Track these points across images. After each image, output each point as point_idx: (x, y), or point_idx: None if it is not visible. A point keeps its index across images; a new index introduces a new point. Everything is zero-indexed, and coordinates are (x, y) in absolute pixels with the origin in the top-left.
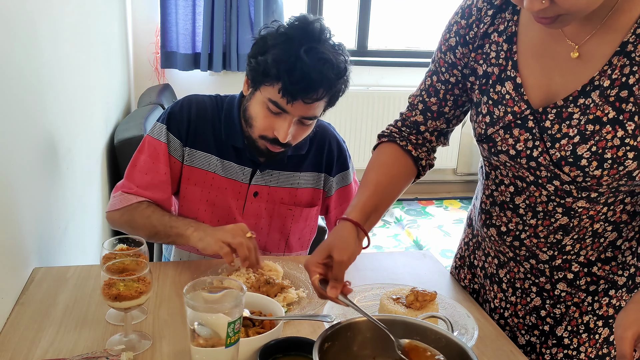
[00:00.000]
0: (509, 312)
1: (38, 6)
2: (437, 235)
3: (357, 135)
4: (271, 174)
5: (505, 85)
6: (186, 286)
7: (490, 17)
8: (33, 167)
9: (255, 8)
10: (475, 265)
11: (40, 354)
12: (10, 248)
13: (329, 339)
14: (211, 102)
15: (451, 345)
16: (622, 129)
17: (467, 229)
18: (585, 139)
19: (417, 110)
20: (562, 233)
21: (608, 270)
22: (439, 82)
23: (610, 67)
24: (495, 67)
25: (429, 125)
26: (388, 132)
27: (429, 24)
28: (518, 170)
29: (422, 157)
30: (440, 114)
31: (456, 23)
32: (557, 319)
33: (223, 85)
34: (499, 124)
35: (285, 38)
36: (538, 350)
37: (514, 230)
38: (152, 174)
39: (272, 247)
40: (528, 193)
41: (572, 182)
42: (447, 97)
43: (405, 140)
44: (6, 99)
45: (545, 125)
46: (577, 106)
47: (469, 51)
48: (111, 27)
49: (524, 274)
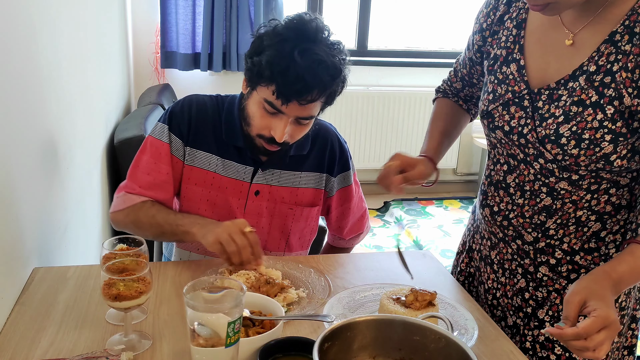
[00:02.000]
0: (500, 293)
1: (38, 6)
2: (437, 235)
3: (357, 135)
4: (272, 173)
5: (510, 67)
6: (186, 286)
7: (505, 4)
8: (33, 167)
9: (255, 8)
10: (473, 249)
11: (40, 354)
12: (10, 248)
13: (329, 339)
14: (211, 102)
15: (451, 345)
16: (602, 112)
17: (471, 215)
18: (568, 119)
19: (457, 77)
20: (546, 214)
21: (590, 260)
22: (467, 57)
23: (598, 54)
24: (503, 50)
25: (466, 92)
26: (442, 89)
27: (429, 24)
28: (511, 147)
29: (471, 108)
30: (472, 84)
31: (481, 11)
32: (539, 302)
33: (223, 85)
34: (499, 101)
35: (280, 39)
36: (521, 332)
37: (504, 210)
38: (154, 174)
39: (273, 246)
40: (518, 172)
41: (554, 161)
42: (472, 72)
43: (455, 96)
44: (6, 99)
45: (538, 105)
46: (567, 89)
47: (488, 36)
48: (111, 27)
49: (511, 254)
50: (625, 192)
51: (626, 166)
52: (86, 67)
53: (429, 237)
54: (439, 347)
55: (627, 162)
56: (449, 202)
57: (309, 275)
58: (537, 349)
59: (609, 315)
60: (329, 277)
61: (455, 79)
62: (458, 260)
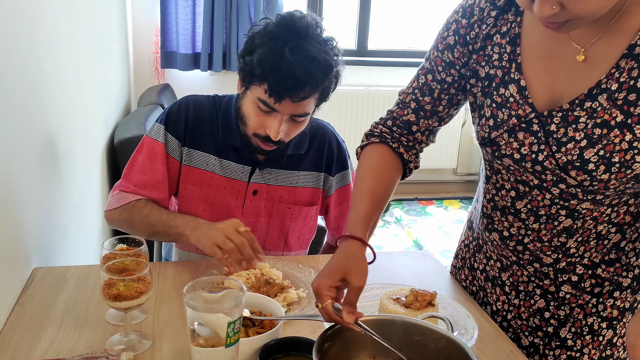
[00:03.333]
0: (512, 315)
1: (38, 6)
2: (437, 235)
3: (357, 135)
4: (270, 173)
5: (509, 88)
6: (186, 286)
7: (493, 18)
8: (33, 167)
9: (255, 8)
10: (475, 268)
11: (40, 354)
12: (10, 248)
13: (329, 339)
14: (209, 102)
15: (451, 345)
16: (630, 132)
17: (468, 231)
18: (593, 143)
19: (410, 108)
20: (566, 235)
21: (612, 271)
22: (434, 80)
23: (618, 70)
24: (498, 70)
25: (421, 125)
26: (378, 132)
27: (429, 24)
28: (522, 174)
29: (411, 160)
30: (434, 113)
31: (456, 22)
32: (562, 320)
33: (223, 85)
34: (503, 127)
35: (270, 37)
36: (541, 352)
37: (517, 235)
38: (149, 173)
39: (271, 245)
40: (530, 197)
41: (579, 186)
42: (442, 96)
43: (397, 142)
44: (6, 99)
45: (551, 129)
46: (584, 109)
47: (469, 52)
48: (111, 27)
49: (528, 277)
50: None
51: None
52: (86, 67)
53: (429, 237)
54: (439, 347)
55: None
56: (449, 202)
57: (309, 275)
58: None
59: None
60: None
61: (405, 111)
62: (458, 275)
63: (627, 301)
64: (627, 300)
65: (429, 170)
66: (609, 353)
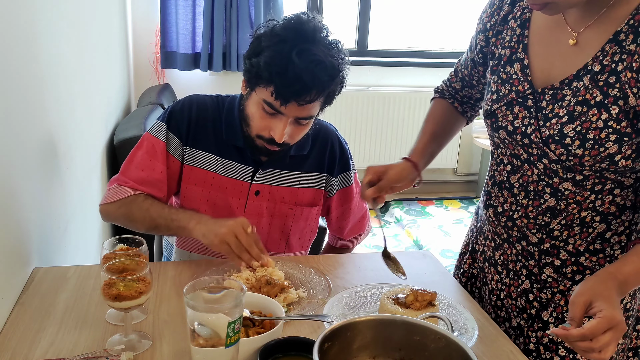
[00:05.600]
0: (504, 294)
1: (38, 6)
2: (437, 235)
3: (357, 135)
4: (273, 173)
5: (514, 66)
6: (186, 286)
7: (509, 4)
8: (33, 167)
9: (255, 8)
10: (477, 250)
11: (40, 354)
12: (10, 248)
13: (329, 339)
14: (212, 102)
15: (451, 345)
16: (607, 112)
17: (474, 216)
18: (573, 119)
19: (457, 77)
20: (550, 215)
21: (595, 261)
22: (470, 58)
23: (603, 53)
24: (507, 50)
25: (465, 93)
26: (440, 90)
27: (429, 24)
28: (514, 147)
29: (466, 110)
30: (472, 86)
31: (484, 12)
32: (544, 303)
33: (223, 85)
34: (503, 100)
35: (278, 40)
36: (525, 334)
37: (508, 211)
38: (148, 170)
39: (273, 246)
40: (522, 172)
41: (558, 161)
42: (472, 72)
43: (452, 97)
44: (6, 99)
45: (542, 105)
46: (571, 89)
47: (491, 35)
48: (111, 27)
49: (516, 255)
50: (630, 192)
51: (631, 166)
52: (86, 67)
53: (429, 237)
54: (439, 347)
55: (631, 162)
56: (449, 202)
57: (309, 275)
58: (541, 350)
59: (615, 316)
60: (329, 277)
61: (455, 78)
62: (461, 261)
63: None
64: None
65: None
66: None
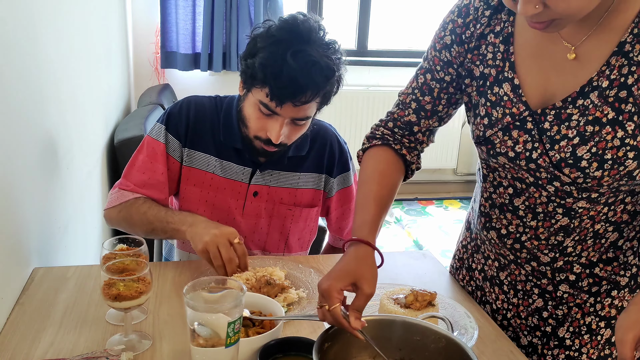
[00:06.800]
0: (511, 314)
1: (38, 6)
2: (437, 235)
3: (357, 135)
4: (271, 174)
5: (503, 87)
6: (186, 286)
7: (487, 17)
8: (33, 167)
9: (255, 8)
10: (474, 269)
11: (40, 354)
12: (10, 248)
13: (329, 339)
14: (210, 103)
15: (451, 345)
16: (622, 129)
17: (466, 232)
18: (585, 140)
19: (410, 109)
20: (563, 234)
21: (610, 270)
22: (433, 80)
23: (609, 67)
24: (492, 69)
25: (422, 125)
26: (380, 134)
27: (429, 24)
28: (517, 172)
29: (413, 161)
30: (434, 113)
31: (452, 21)
32: (560, 320)
33: (223, 86)
34: (498, 125)
35: (273, 40)
36: (540, 352)
37: (515, 233)
38: (149, 173)
39: (272, 247)
40: (527, 194)
41: (573, 184)
42: (441, 95)
43: (399, 143)
44: (6, 99)
45: (544, 127)
46: (576, 107)
47: (464, 51)
48: (111, 27)
49: (526, 276)
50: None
51: None
52: (86, 67)
53: (429, 237)
54: (439, 347)
55: None
56: (449, 202)
57: (309, 275)
58: None
59: None
60: None
61: (406, 112)
62: (456, 275)
63: (625, 300)
64: (625, 299)
65: (429, 170)
66: (607, 352)
